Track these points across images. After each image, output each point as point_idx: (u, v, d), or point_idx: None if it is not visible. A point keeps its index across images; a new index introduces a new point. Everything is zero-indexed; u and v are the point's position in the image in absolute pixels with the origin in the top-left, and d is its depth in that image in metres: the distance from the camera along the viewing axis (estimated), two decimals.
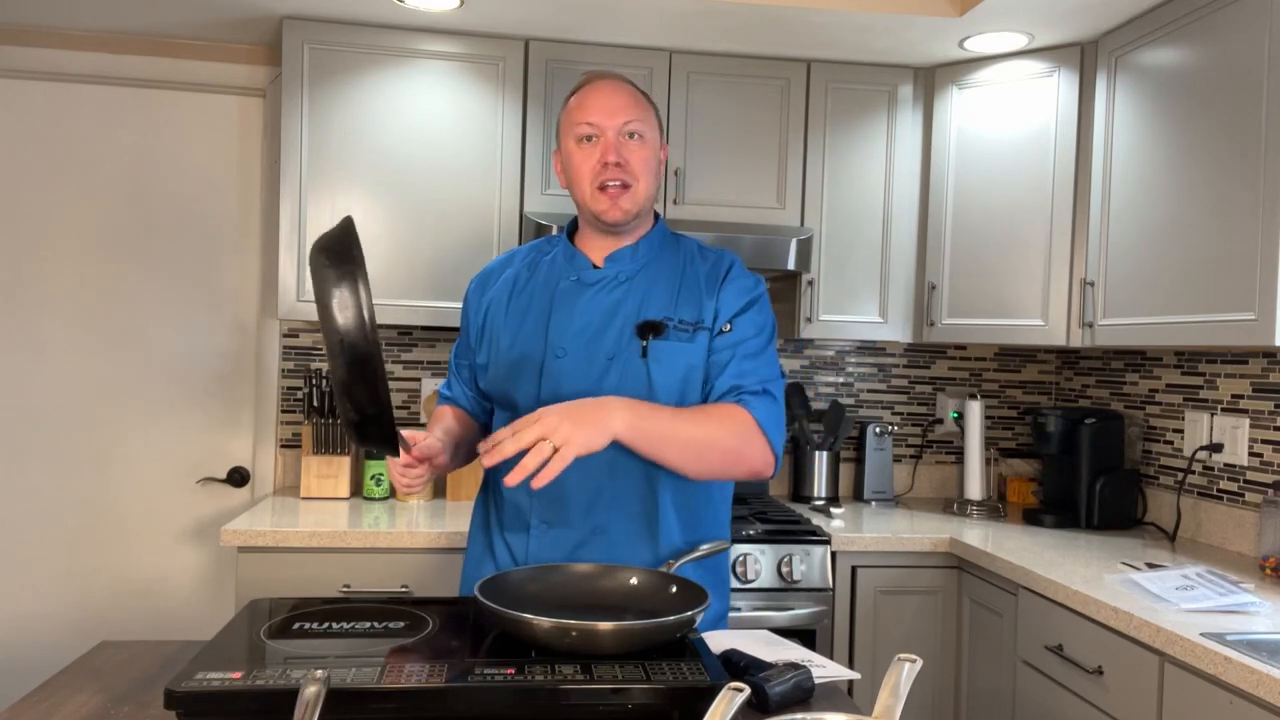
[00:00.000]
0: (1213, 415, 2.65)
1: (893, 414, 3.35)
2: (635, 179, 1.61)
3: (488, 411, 1.79)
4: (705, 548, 1.60)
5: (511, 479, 1.33)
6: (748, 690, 0.93)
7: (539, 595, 1.35)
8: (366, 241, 2.75)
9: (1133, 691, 1.90)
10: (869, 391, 3.34)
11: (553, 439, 1.34)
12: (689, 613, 1.22)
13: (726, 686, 0.92)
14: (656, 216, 1.74)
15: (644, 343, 1.59)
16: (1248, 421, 2.53)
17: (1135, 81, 2.52)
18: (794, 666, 1.25)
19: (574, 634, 1.16)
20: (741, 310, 1.64)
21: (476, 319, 1.74)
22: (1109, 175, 2.61)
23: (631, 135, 1.61)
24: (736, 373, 1.59)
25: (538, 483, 1.34)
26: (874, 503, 3.14)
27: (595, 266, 1.67)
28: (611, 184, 1.59)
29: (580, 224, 1.72)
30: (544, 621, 1.16)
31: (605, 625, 1.17)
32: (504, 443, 1.35)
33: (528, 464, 1.33)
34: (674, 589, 1.36)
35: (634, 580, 1.41)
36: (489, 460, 1.38)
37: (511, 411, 1.65)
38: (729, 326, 1.63)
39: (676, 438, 1.49)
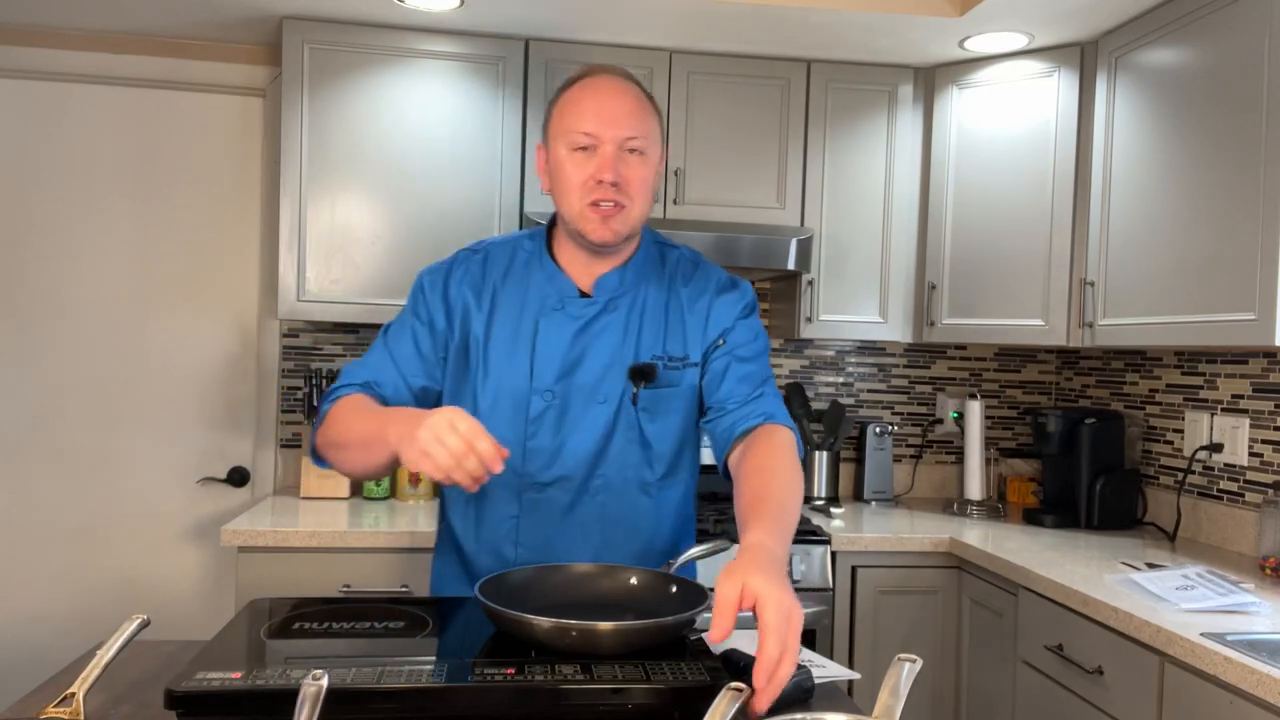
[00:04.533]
0: (1213, 415, 2.64)
1: (893, 414, 3.35)
2: (631, 200, 1.45)
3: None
4: (705, 547, 1.60)
5: (718, 635, 1.11)
6: (748, 690, 0.93)
7: (539, 595, 1.35)
8: (366, 241, 2.75)
9: (1133, 691, 1.90)
10: (869, 391, 3.34)
11: (791, 638, 1.11)
12: (689, 613, 1.22)
13: (726, 686, 0.92)
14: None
15: (635, 389, 1.50)
16: (1248, 421, 2.52)
17: (1135, 82, 2.52)
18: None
19: (574, 634, 1.16)
20: (741, 318, 1.57)
21: (470, 325, 1.54)
22: (1109, 175, 2.60)
23: (633, 150, 1.45)
24: (740, 376, 1.52)
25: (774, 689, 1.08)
26: (874, 503, 3.14)
27: (582, 293, 1.53)
28: (605, 203, 1.44)
29: (560, 233, 1.55)
30: (544, 621, 1.16)
31: (605, 625, 1.16)
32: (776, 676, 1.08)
33: (782, 677, 1.08)
34: (674, 589, 1.36)
35: (634, 580, 1.40)
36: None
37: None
38: (722, 341, 1.55)
39: (792, 530, 1.35)
